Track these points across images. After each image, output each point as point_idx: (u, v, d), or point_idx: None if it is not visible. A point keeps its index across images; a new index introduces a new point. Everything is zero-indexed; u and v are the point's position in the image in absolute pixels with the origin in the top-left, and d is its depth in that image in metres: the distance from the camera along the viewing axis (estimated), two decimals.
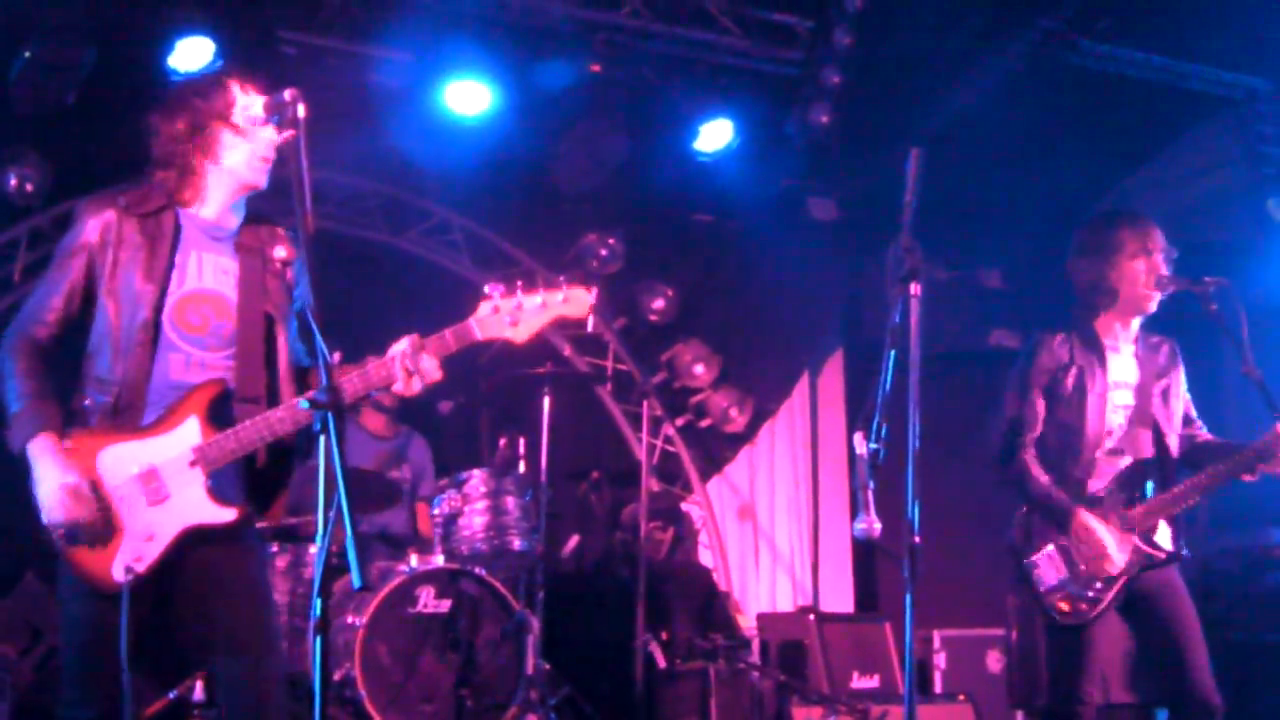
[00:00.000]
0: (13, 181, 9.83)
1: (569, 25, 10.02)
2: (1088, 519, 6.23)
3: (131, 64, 9.33)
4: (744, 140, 10.69)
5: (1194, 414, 6.67)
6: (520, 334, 4.84)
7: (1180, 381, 6.61)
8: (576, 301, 4.89)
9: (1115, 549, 6.20)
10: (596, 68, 10.27)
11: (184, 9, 9.14)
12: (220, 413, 4.78)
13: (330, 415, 4.05)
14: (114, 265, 4.80)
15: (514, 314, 4.81)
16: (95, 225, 4.85)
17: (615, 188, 11.30)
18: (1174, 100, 10.64)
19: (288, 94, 4.53)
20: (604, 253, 11.78)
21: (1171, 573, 6.31)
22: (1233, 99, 10.69)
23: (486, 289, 4.86)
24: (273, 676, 4.78)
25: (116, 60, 9.29)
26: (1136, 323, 6.54)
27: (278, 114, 4.56)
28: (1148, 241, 6.42)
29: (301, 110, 4.50)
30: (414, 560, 8.22)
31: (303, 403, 4.16)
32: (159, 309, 4.79)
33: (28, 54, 9.02)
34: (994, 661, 9.86)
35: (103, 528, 4.61)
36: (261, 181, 5.00)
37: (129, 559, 4.58)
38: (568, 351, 11.83)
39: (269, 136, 4.88)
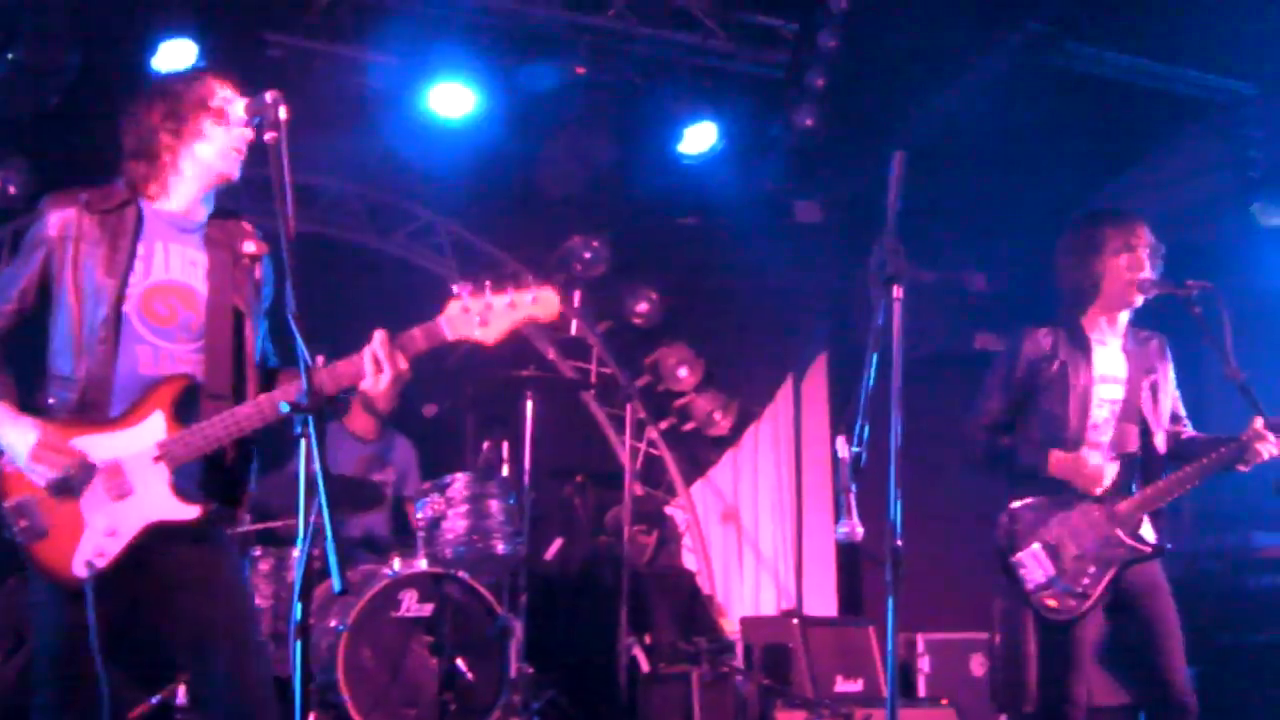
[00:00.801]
0: None
1: (553, 28, 10.00)
2: (1059, 454, 6.26)
3: (115, 66, 9.30)
4: (728, 143, 10.67)
5: (1182, 412, 6.68)
6: (489, 334, 4.82)
7: (1169, 377, 6.61)
8: (544, 302, 4.88)
9: (1096, 462, 6.24)
10: (581, 70, 10.25)
11: (168, 11, 9.11)
12: (186, 408, 4.76)
13: (311, 419, 4.04)
14: (75, 261, 4.80)
15: (483, 314, 4.78)
16: (56, 220, 4.86)
17: (600, 190, 11.31)
18: (1160, 104, 10.65)
19: (269, 96, 4.51)
20: (588, 255, 11.79)
21: (1156, 571, 6.32)
22: (1219, 102, 10.69)
23: (455, 289, 4.84)
24: (256, 673, 4.76)
25: (100, 63, 9.26)
26: (1124, 318, 6.55)
27: (259, 116, 4.53)
28: (1131, 237, 6.43)
29: (283, 112, 4.49)
30: (397, 564, 8.21)
31: (283, 405, 4.13)
32: (119, 304, 4.78)
33: (10, 56, 8.99)
34: (978, 665, 9.85)
35: (89, 477, 4.61)
36: (234, 173, 5.01)
37: (90, 554, 4.57)
38: (551, 355, 11.81)
39: (242, 130, 4.88)
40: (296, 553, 6.96)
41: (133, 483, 4.66)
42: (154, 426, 4.70)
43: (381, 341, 4.74)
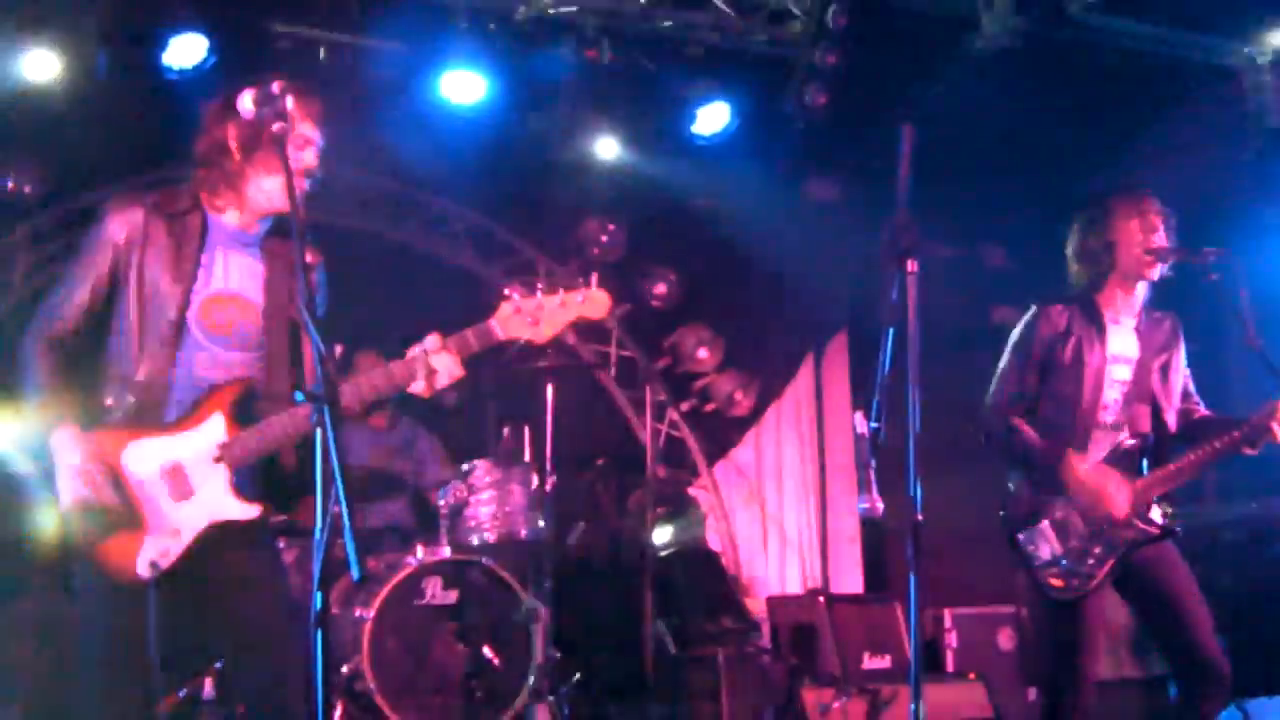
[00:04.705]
0: (10, 184, 9.82)
1: (563, 12, 9.98)
2: (1080, 467, 6.22)
3: (126, 63, 9.31)
4: (742, 123, 10.64)
5: (1192, 389, 6.62)
6: (541, 334, 4.94)
7: (1180, 356, 6.57)
8: (595, 302, 5.04)
9: (1114, 491, 6.18)
10: (592, 54, 10.23)
11: (177, 6, 9.11)
12: (245, 410, 4.80)
13: (326, 408, 4.04)
14: (140, 265, 4.81)
15: (535, 314, 4.90)
16: (121, 223, 4.85)
17: (614, 174, 11.30)
18: (1172, 71, 10.61)
19: (275, 86, 4.51)
20: (605, 239, 11.80)
21: (1166, 545, 6.28)
22: (1230, 68, 10.64)
23: (506, 290, 4.97)
24: (295, 678, 4.76)
25: (111, 59, 9.28)
26: (1140, 293, 6.48)
27: (267, 106, 4.53)
28: (1140, 205, 6.39)
29: (290, 102, 4.48)
30: (420, 552, 8.22)
31: (298, 395, 4.14)
32: (184, 310, 4.80)
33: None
34: (1006, 639, 9.83)
35: (123, 516, 4.62)
36: (289, 208, 4.97)
37: (153, 554, 4.61)
38: (571, 339, 11.80)
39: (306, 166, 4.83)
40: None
41: (194, 483, 4.70)
42: (214, 428, 4.74)
43: (434, 344, 4.77)
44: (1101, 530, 6.19)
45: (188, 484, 4.69)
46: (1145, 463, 6.29)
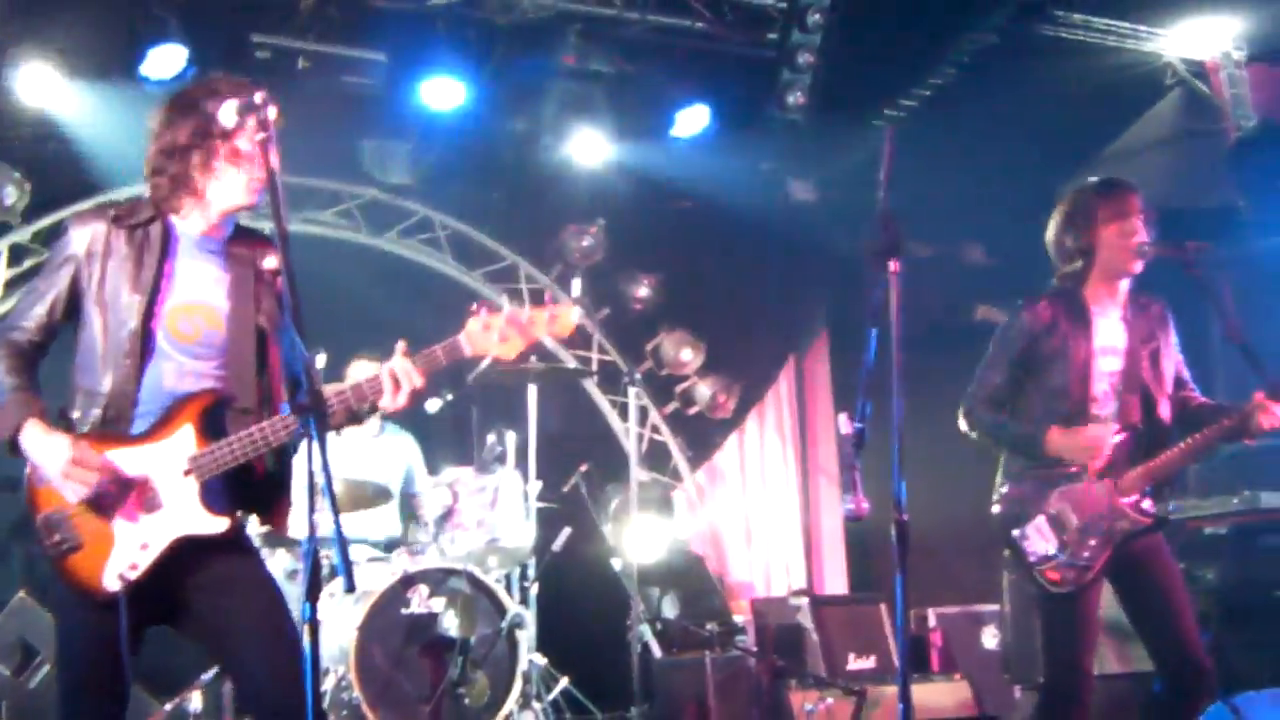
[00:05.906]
0: None
1: (541, 17, 9.99)
2: (1058, 432, 6.23)
3: (105, 74, 9.32)
4: (721, 125, 10.67)
5: (1187, 376, 6.57)
6: (509, 350, 4.89)
7: (1171, 342, 6.52)
8: (562, 319, 5.04)
9: (1095, 433, 6.20)
10: (570, 59, 10.25)
11: (156, 17, 9.11)
12: (214, 422, 4.74)
13: (313, 419, 4.03)
14: (101, 276, 4.76)
15: (502, 332, 4.85)
16: (83, 237, 4.82)
17: (594, 177, 11.31)
18: (1151, 66, 10.65)
19: (258, 96, 4.50)
20: (585, 243, 11.82)
21: (1158, 539, 6.28)
22: (1206, 63, 10.68)
23: (474, 307, 4.89)
24: (294, 666, 4.72)
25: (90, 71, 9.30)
26: (1124, 286, 6.47)
27: (250, 114, 4.52)
28: (1122, 205, 6.37)
29: (273, 112, 4.47)
30: (405, 560, 8.21)
31: (283, 407, 4.13)
32: (147, 319, 4.75)
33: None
34: (990, 637, 9.84)
35: (114, 499, 4.59)
36: (255, 201, 4.94)
37: (121, 567, 4.55)
38: (552, 344, 11.81)
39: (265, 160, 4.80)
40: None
41: (162, 496, 4.64)
42: (183, 441, 4.69)
43: (401, 358, 4.77)
44: (1095, 522, 6.20)
45: (156, 497, 4.63)
46: (1138, 454, 6.28)
